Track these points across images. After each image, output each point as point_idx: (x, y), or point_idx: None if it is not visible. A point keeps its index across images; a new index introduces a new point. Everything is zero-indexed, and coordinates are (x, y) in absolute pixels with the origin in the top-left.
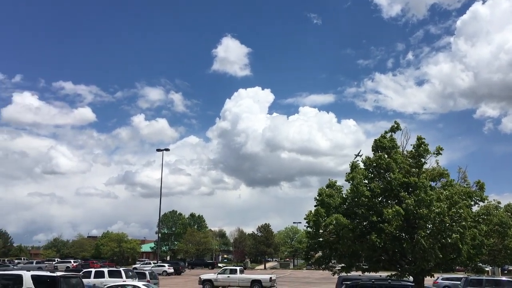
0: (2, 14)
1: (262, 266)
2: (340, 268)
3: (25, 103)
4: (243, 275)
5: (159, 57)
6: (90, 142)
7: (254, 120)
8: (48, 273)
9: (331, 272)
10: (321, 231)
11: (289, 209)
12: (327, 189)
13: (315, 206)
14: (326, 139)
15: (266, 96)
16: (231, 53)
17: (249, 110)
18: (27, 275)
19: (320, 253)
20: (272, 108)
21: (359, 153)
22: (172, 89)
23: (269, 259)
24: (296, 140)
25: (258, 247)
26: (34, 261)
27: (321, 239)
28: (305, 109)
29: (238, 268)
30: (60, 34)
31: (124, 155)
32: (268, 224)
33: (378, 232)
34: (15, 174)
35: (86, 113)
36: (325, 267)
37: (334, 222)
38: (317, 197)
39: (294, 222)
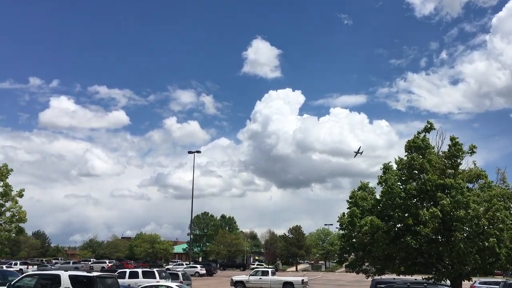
0: (39, 23)
1: (293, 268)
2: (374, 270)
3: (62, 107)
4: (275, 277)
5: (190, 60)
6: (124, 144)
7: (284, 122)
8: (85, 273)
9: (365, 275)
10: (355, 233)
11: (320, 211)
12: (359, 192)
13: (348, 208)
14: (358, 140)
15: (297, 97)
16: (262, 55)
17: (280, 112)
18: (65, 275)
19: (353, 256)
20: (303, 110)
21: (359, 149)
22: (203, 92)
23: (300, 261)
24: (327, 141)
25: (289, 249)
26: (71, 261)
27: (354, 241)
28: (336, 110)
29: (270, 270)
30: (95, 40)
31: (157, 157)
32: (299, 226)
33: (414, 235)
34: (52, 176)
35: (120, 116)
36: (358, 269)
37: (369, 224)
38: (350, 199)
39: (325, 224)
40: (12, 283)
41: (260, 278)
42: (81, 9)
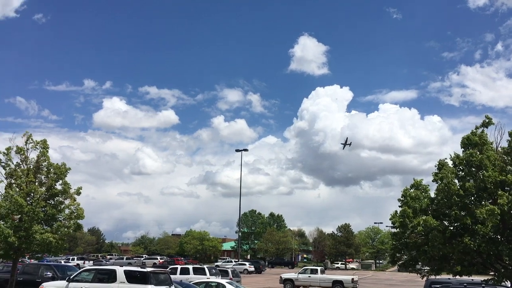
0: (92, 28)
1: (342, 267)
2: (429, 270)
3: (114, 108)
4: (324, 275)
5: (237, 59)
6: (173, 143)
7: (332, 119)
8: (139, 269)
9: (420, 275)
10: (407, 233)
11: (369, 209)
12: (412, 190)
13: (400, 206)
14: (409, 137)
15: (345, 94)
16: (308, 52)
17: (327, 109)
18: (120, 270)
19: (406, 256)
20: (351, 106)
21: (346, 141)
22: (250, 90)
23: (349, 259)
24: (376, 138)
25: (338, 247)
26: (124, 257)
27: (407, 240)
28: (386, 106)
29: (319, 268)
30: (145, 43)
31: (205, 155)
32: (348, 224)
33: (472, 234)
34: (106, 175)
35: (169, 116)
36: (412, 269)
37: (422, 223)
38: (401, 198)
39: (375, 223)
40: (71, 277)
41: (309, 276)
42: (131, 12)
